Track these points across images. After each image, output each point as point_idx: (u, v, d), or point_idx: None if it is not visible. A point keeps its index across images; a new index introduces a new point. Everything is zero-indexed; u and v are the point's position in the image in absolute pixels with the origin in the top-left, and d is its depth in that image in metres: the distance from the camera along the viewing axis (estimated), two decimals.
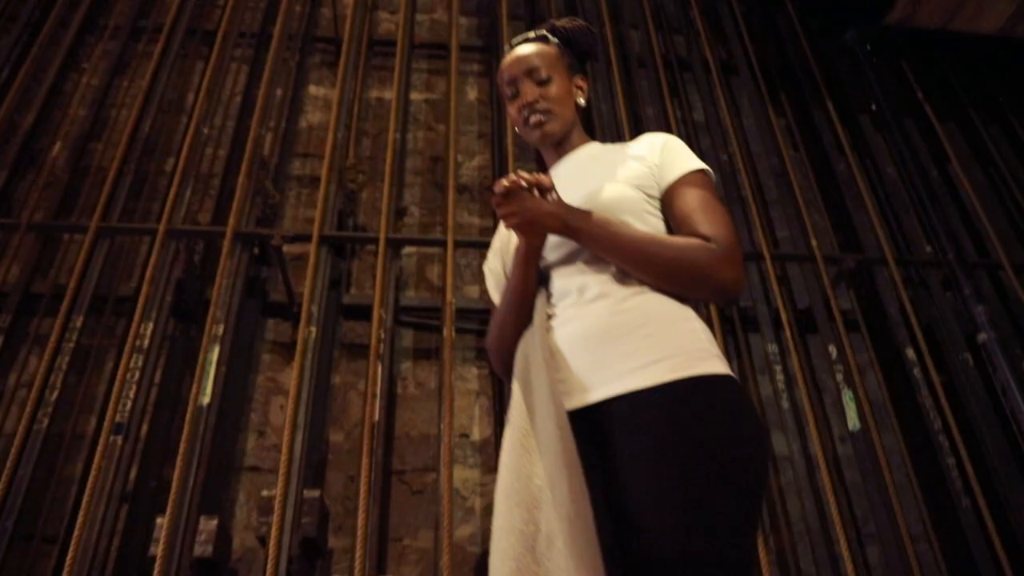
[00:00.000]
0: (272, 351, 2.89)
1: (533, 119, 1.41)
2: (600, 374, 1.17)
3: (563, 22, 1.51)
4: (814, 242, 2.92)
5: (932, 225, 2.92)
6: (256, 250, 2.85)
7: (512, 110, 1.46)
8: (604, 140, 3.29)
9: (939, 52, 3.92)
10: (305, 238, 2.67)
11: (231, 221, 2.65)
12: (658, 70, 3.44)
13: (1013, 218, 3.39)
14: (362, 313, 2.86)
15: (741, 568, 1.06)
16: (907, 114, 3.59)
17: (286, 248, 2.95)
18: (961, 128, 3.69)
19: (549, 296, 1.30)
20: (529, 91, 1.42)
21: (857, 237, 3.17)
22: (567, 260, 1.31)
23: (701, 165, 1.33)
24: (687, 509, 1.05)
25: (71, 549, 2.05)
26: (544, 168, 1.51)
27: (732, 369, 2.77)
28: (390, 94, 3.58)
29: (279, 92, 3.39)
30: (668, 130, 3.21)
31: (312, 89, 3.67)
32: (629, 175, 1.33)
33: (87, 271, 2.63)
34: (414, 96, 3.68)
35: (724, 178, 3.24)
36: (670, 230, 1.32)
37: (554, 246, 1.33)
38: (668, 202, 1.31)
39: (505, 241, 1.42)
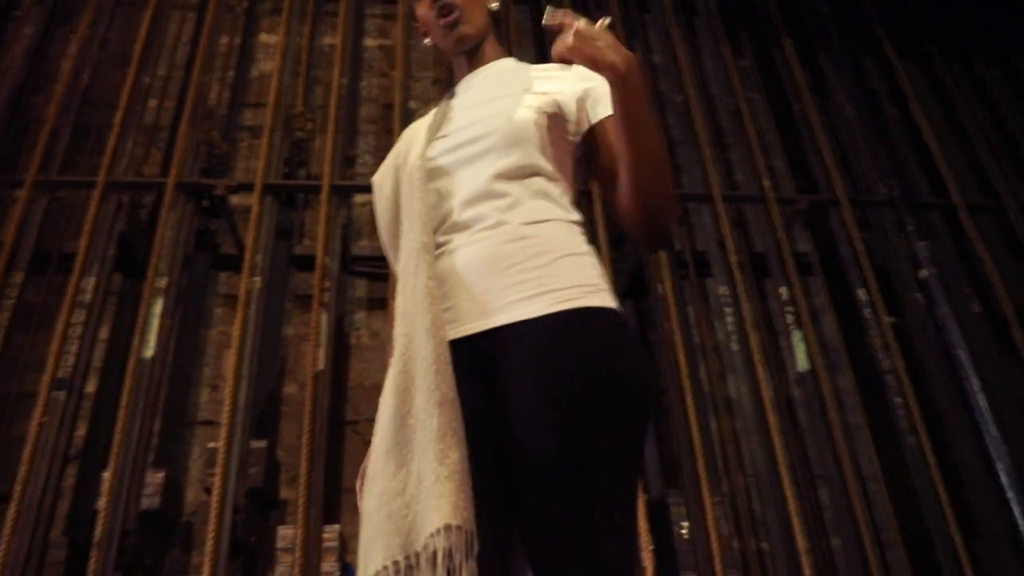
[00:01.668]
0: (225, 304, 2.85)
1: (445, 20, 1.34)
2: (489, 303, 1.14)
3: None
4: (766, 183, 2.89)
5: (882, 164, 2.89)
6: (205, 202, 2.80)
7: (421, 10, 1.38)
8: None
9: None
10: (248, 187, 2.62)
11: (172, 172, 2.59)
12: (612, 10, 3.36)
13: (972, 157, 3.36)
14: (313, 264, 2.82)
15: (623, 501, 1.06)
16: (866, 52, 3.53)
17: (239, 200, 2.90)
18: (921, 66, 3.64)
19: (442, 222, 1.24)
20: None
21: (815, 179, 3.14)
22: (467, 185, 1.24)
23: None
24: (571, 443, 1.04)
25: (12, 506, 2.05)
26: (451, 83, 1.45)
27: (687, 313, 2.76)
28: None
29: (228, 40, 3.30)
30: None
31: (264, 37, 3.57)
32: (546, 99, 1.28)
33: (26, 226, 2.57)
34: (368, 42, 3.59)
35: (680, 120, 3.19)
36: (576, 160, 1.29)
37: (453, 168, 1.27)
38: (598, 134, 1.26)
39: (403, 158, 1.34)
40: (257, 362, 2.42)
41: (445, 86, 3.42)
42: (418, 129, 1.38)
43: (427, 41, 1.43)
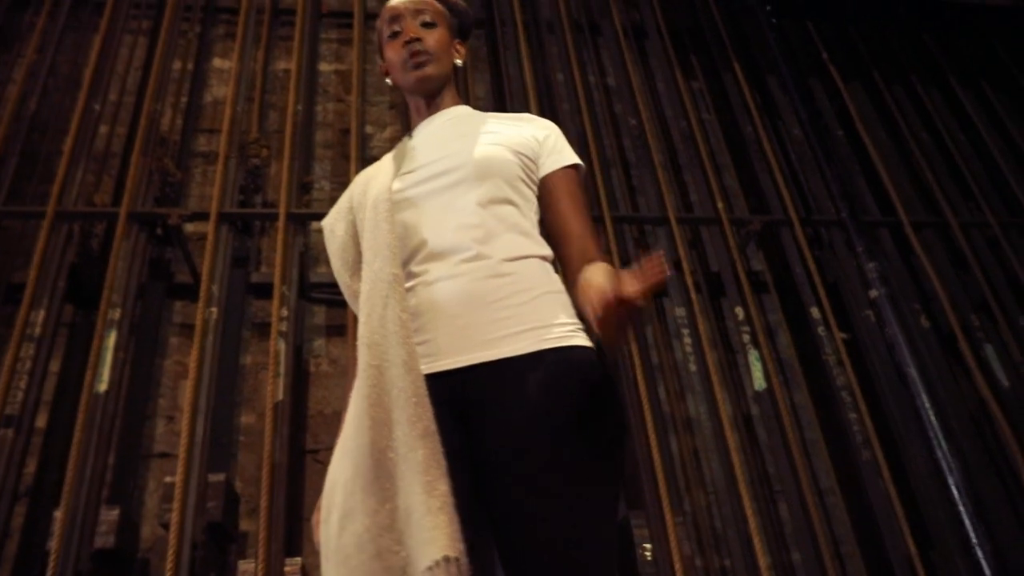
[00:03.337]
0: (180, 334, 2.81)
1: (414, 59, 1.37)
2: (470, 339, 1.15)
3: None
4: (720, 205, 2.95)
5: (831, 185, 2.98)
6: (159, 231, 2.75)
7: (391, 52, 1.41)
8: (514, 107, 3.25)
9: (843, 12, 3.98)
10: (204, 216, 2.59)
11: (125, 200, 2.55)
12: (565, 34, 3.40)
13: (916, 176, 3.47)
14: (271, 291, 2.79)
15: (608, 538, 1.08)
16: (813, 75, 3.63)
17: (193, 228, 2.86)
18: (865, 88, 3.76)
19: (414, 253, 1.24)
20: (413, 28, 1.39)
21: (766, 199, 3.21)
22: (440, 216, 1.25)
23: (580, 161, 1.37)
24: (557, 478, 1.06)
25: None
26: (409, 124, 1.48)
27: (645, 334, 2.78)
28: None
29: (180, 65, 3.26)
30: (578, 96, 3.21)
31: (217, 62, 3.54)
32: (511, 138, 1.33)
33: None
34: (323, 67, 3.58)
35: (634, 143, 3.24)
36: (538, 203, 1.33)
37: (421, 199, 1.28)
38: (551, 185, 1.32)
39: (358, 200, 1.35)
40: (215, 393, 2.38)
41: (401, 111, 3.43)
42: (374, 171, 1.39)
43: (388, 81, 1.46)
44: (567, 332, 1.17)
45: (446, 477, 1.02)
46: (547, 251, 1.27)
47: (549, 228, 1.30)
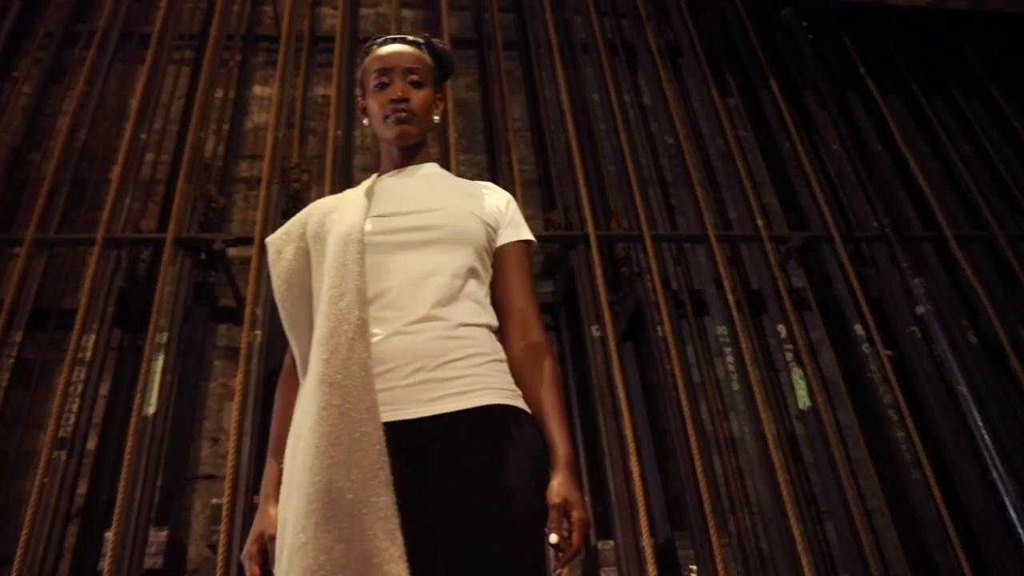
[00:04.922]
0: (225, 357, 2.85)
1: (396, 115, 1.39)
2: (428, 393, 1.20)
3: (437, 41, 1.53)
4: (760, 222, 2.93)
5: (873, 200, 2.94)
6: (203, 255, 2.81)
7: (373, 101, 1.43)
8: (550, 128, 3.27)
9: (879, 26, 3.95)
10: (247, 240, 2.64)
11: (171, 227, 2.61)
12: (600, 55, 3.42)
13: (960, 190, 3.42)
14: None
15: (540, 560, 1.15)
16: (851, 89, 3.61)
17: (236, 252, 2.92)
18: (904, 102, 3.72)
19: (375, 299, 1.27)
20: (401, 87, 1.41)
21: (806, 215, 3.18)
22: (409, 271, 1.30)
23: (533, 238, 1.45)
24: (504, 530, 1.12)
25: (13, 568, 2.02)
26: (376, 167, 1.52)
27: (686, 353, 2.77)
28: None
29: (222, 93, 3.34)
30: (614, 115, 3.22)
31: (257, 89, 3.62)
32: (482, 208, 1.40)
33: (25, 284, 2.58)
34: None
35: (672, 161, 3.24)
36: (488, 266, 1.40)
37: (392, 249, 1.31)
38: (504, 255, 1.40)
39: (314, 229, 1.35)
40: (260, 415, 2.41)
41: (436, 133, 3.46)
42: (334, 204, 1.40)
43: (364, 121, 1.50)
44: (513, 395, 1.26)
45: (400, 528, 1.07)
46: (495, 322, 1.34)
47: (496, 296, 1.38)
